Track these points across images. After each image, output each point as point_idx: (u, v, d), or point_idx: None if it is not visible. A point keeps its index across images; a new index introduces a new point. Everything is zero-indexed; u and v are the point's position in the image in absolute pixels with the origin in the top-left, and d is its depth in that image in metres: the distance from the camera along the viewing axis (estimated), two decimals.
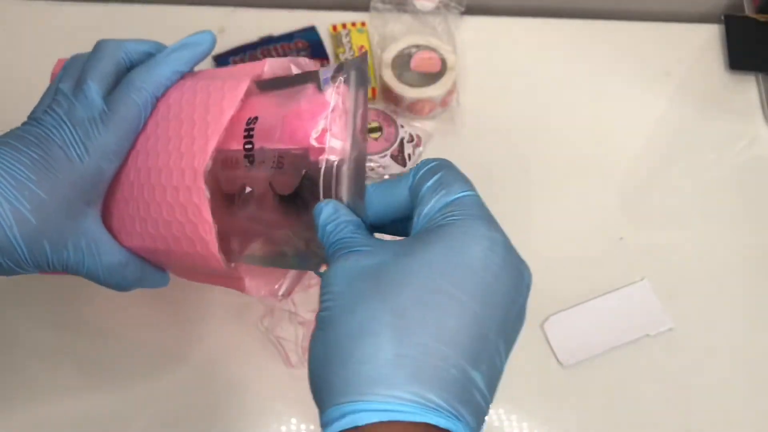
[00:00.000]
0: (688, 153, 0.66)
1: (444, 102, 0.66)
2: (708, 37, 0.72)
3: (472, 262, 0.29)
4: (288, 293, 0.42)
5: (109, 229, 0.41)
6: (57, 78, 0.42)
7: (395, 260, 0.30)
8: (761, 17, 0.71)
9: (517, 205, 0.62)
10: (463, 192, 0.33)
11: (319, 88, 0.36)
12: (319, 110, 0.35)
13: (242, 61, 0.68)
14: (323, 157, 0.34)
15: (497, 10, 0.73)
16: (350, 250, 0.32)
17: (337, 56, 0.69)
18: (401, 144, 0.63)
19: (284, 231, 0.38)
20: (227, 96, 0.38)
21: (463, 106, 0.67)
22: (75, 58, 0.42)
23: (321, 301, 0.30)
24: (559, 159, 0.65)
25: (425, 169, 0.34)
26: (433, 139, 0.65)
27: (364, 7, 0.71)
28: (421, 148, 0.64)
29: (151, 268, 0.43)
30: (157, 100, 0.40)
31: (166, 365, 0.55)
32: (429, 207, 0.32)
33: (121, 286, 0.42)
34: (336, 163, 0.34)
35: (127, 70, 0.41)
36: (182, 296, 0.58)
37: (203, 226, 0.37)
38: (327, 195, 0.34)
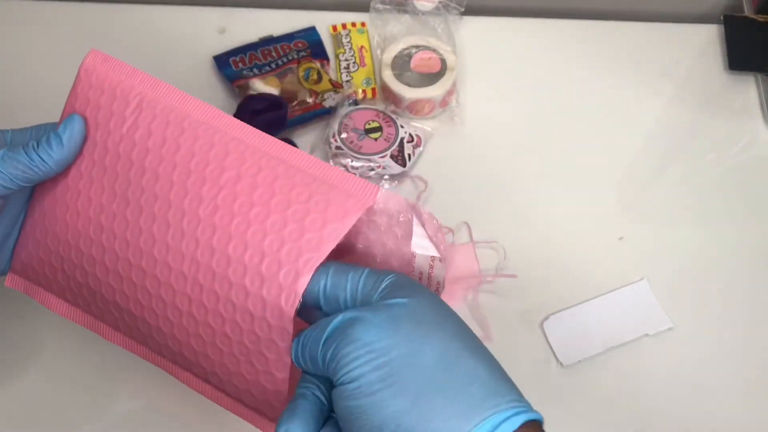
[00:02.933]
0: (687, 153, 0.66)
1: (444, 102, 0.66)
2: (707, 38, 0.72)
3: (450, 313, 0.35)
4: None
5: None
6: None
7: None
8: (760, 18, 0.71)
9: (516, 205, 0.62)
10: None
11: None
12: None
13: (242, 61, 0.68)
14: None
15: (497, 10, 0.73)
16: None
17: (337, 56, 0.69)
18: (401, 144, 0.63)
19: None
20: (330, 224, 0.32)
21: (463, 106, 0.67)
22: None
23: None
24: (558, 159, 0.65)
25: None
26: (433, 139, 0.65)
27: (364, 8, 0.71)
28: (420, 148, 0.64)
29: None
30: None
31: None
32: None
33: None
34: None
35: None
36: None
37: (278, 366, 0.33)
38: None
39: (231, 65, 0.68)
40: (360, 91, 0.67)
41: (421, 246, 0.37)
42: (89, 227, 0.36)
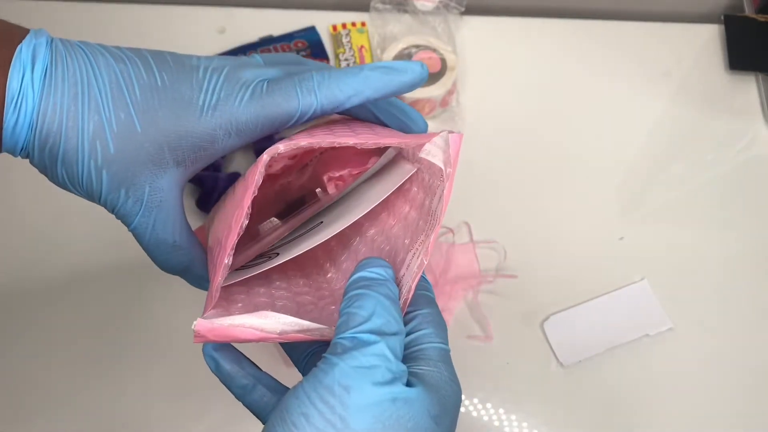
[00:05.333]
0: (687, 153, 0.66)
1: (444, 102, 0.66)
2: (708, 37, 0.72)
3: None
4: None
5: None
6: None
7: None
8: (761, 17, 0.71)
9: (516, 205, 0.62)
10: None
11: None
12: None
13: None
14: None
15: (497, 10, 0.73)
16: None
17: (337, 56, 0.69)
18: None
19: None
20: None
21: (463, 105, 0.67)
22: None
23: None
24: (558, 159, 0.65)
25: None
26: None
27: (364, 8, 0.71)
28: None
29: (204, 269, 0.37)
30: (324, 112, 0.34)
31: (165, 364, 0.55)
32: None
33: (163, 265, 0.36)
34: None
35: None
36: (181, 295, 0.58)
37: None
38: None
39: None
40: None
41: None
42: None
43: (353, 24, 0.71)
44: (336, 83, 0.33)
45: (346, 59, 0.69)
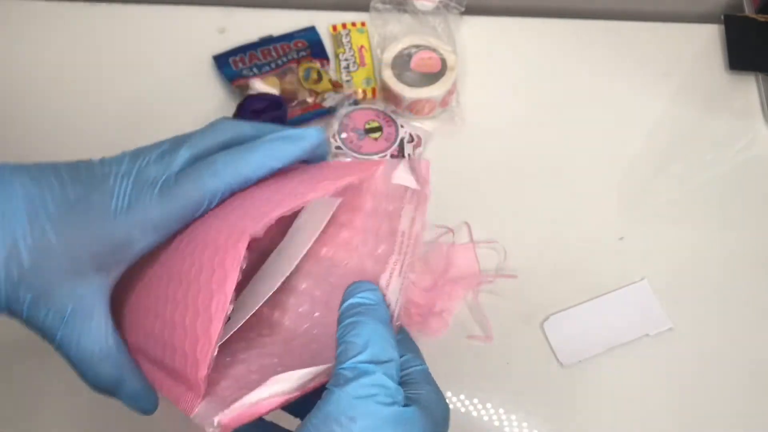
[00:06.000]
0: (687, 153, 0.66)
1: (444, 102, 0.66)
2: (708, 38, 0.72)
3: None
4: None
5: (121, 320, 0.35)
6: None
7: None
8: (761, 17, 0.71)
9: (517, 205, 0.62)
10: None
11: None
12: None
13: (242, 61, 0.68)
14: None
15: (497, 10, 0.73)
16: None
17: (336, 56, 0.69)
18: (401, 144, 0.63)
19: None
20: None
21: (463, 105, 0.67)
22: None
23: None
24: (558, 159, 0.65)
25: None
26: (433, 139, 0.65)
27: (364, 7, 0.71)
28: (421, 148, 0.64)
29: (139, 378, 0.35)
30: (233, 192, 0.35)
31: None
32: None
33: (93, 380, 0.34)
34: None
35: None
36: None
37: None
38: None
39: (231, 65, 0.68)
40: (360, 91, 0.67)
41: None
42: None
43: (353, 24, 0.71)
44: (240, 162, 0.34)
45: (346, 59, 0.69)
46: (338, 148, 0.62)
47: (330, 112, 0.65)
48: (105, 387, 0.35)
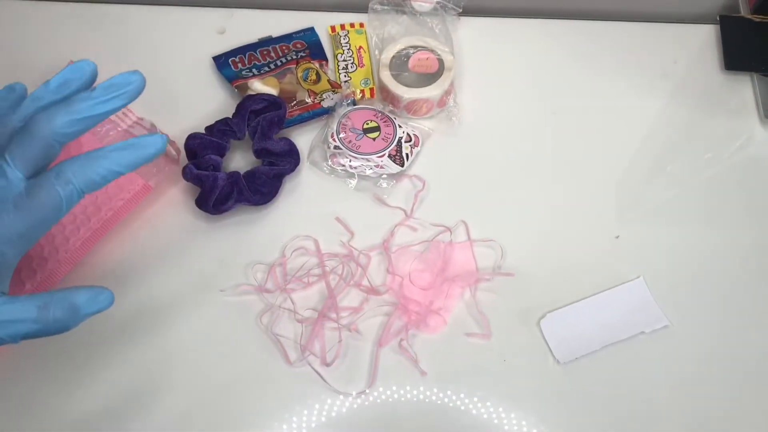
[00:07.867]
0: (683, 153, 0.66)
1: (441, 102, 0.66)
2: (703, 38, 0.72)
3: None
4: None
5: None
6: None
7: None
8: (756, 18, 0.72)
9: (514, 204, 0.63)
10: None
11: None
12: None
13: (241, 62, 0.68)
14: None
15: (494, 11, 0.74)
16: None
17: (335, 57, 0.70)
18: (399, 144, 0.63)
19: None
20: None
21: (461, 106, 0.67)
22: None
23: None
24: (555, 158, 0.65)
25: None
26: (431, 139, 0.66)
27: (363, 9, 0.72)
28: (418, 148, 0.64)
29: (60, 304, 0.40)
30: (85, 195, 0.39)
31: (165, 363, 0.56)
32: None
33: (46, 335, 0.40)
34: None
35: (60, 147, 0.39)
36: (181, 295, 0.58)
37: None
38: None
39: (230, 65, 0.68)
40: (358, 91, 0.67)
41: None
42: None
43: (352, 25, 0.72)
44: (90, 169, 0.38)
45: (344, 60, 0.69)
46: (337, 147, 0.62)
47: (328, 112, 0.66)
48: (54, 330, 0.40)
